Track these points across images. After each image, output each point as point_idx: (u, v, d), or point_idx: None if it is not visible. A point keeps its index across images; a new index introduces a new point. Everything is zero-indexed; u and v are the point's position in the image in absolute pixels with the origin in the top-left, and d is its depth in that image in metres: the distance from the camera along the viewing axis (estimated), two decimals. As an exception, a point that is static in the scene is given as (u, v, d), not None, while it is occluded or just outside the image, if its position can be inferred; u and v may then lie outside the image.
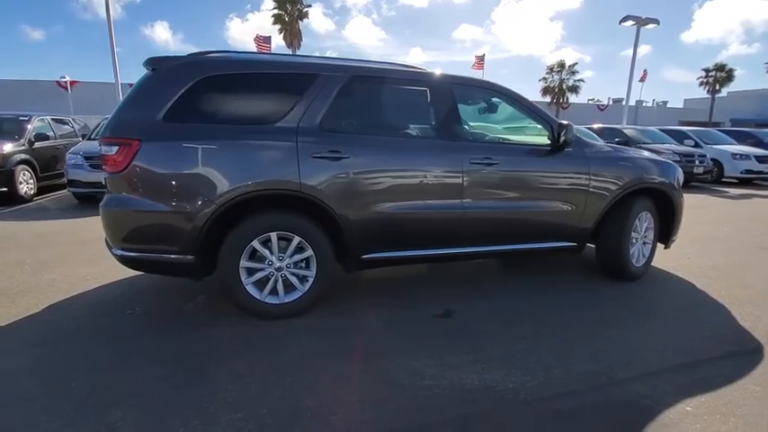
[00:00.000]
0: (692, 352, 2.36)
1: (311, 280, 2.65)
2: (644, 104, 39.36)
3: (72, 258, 3.86)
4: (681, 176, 3.55)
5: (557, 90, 34.30)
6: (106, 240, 2.60)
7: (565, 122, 2.97)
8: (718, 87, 36.94)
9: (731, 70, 36.09)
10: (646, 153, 3.67)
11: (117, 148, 2.33)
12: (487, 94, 3.14)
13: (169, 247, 2.43)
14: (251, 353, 2.27)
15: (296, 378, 2.04)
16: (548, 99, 34.12)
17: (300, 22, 26.39)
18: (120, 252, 2.47)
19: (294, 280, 2.63)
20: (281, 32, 26.43)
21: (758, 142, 12.22)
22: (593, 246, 3.49)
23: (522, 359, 2.24)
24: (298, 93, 2.58)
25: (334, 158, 2.54)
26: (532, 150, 3.07)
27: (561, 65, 34.23)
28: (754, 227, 5.71)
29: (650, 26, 15.15)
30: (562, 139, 2.98)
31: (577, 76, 34.46)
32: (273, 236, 2.52)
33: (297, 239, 2.56)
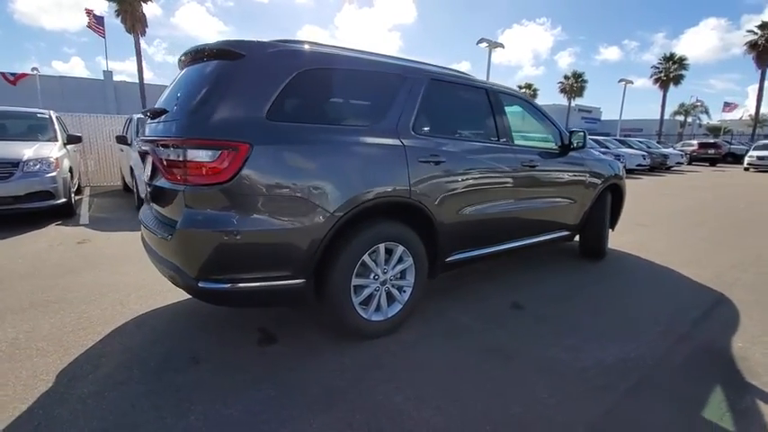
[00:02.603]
0: (695, 305, 3.11)
1: (409, 290, 2.54)
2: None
3: (12, 307, 2.73)
4: (623, 170, 4.52)
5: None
6: (179, 271, 1.98)
7: (580, 131, 3.50)
8: (527, 101, 46.06)
9: (536, 89, 45.55)
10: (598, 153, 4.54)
11: (218, 153, 1.82)
12: (514, 101, 3.45)
13: (279, 272, 2.02)
14: (399, 375, 2.08)
15: (472, 390, 1.98)
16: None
17: (144, 5, 22.54)
18: (209, 285, 1.92)
19: (395, 292, 2.48)
20: (118, 15, 22.09)
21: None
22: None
23: (614, 332, 2.61)
24: (391, 94, 2.44)
25: (436, 162, 2.50)
26: (550, 153, 3.52)
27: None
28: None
29: (497, 49, 18.06)
30: (574, 143, 3.52)
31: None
32: (381, 247, 2.34)
33: (400, 249, 2.43)
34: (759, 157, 18.59)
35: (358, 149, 2.20)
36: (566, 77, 41.30)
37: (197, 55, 2.21)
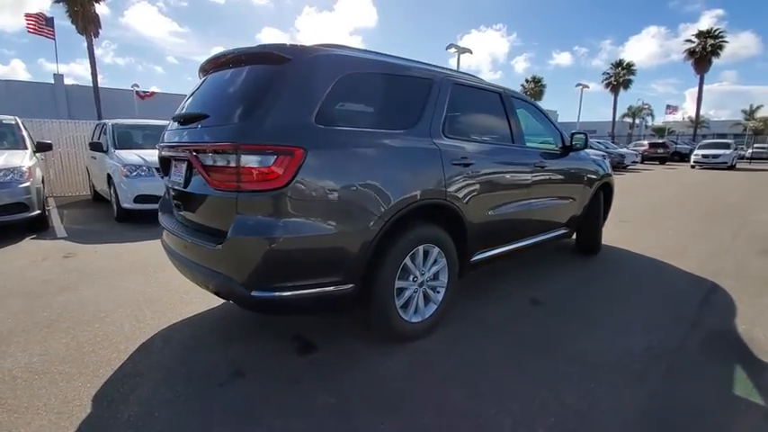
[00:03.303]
0: (693, 293, 3.34)
1: (443, 290, 2.57)
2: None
3: (14, 329, 2.50)
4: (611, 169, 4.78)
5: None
6: (228, 281, 1.89)
7: (580, 133, 3.68)
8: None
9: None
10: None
11: (274, 158, 1.78)
12: (521, 104, 3.57)
13: (331, 277, 1.99)
14: (450, 375, 2.10)
15: (523, 384, 2.04)
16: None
17: (97, 5, 21.22)
18: (263, 294, 1.86)
19: (431, 293, 2.51)
20: (69, 15, 20.67)
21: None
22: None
23: (632, 323, 2.75)
24: (423, 97, 2.47)
25: (465, 165, 2.55)
26: (554, 154, 3.67)
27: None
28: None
29: (465, 54, 18.57)
30: (575, 145, 3.69)
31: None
32: (420, 249, 2.36)
33: (436, 250, 2.46)
34: (704, 156, 20.18)
35: (401, 153, 2.22)
36: (526, 81, 42.96)
37: (234, 58, 2.15)
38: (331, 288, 2.00)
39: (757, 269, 3.94)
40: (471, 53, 18.51)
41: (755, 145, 32.95)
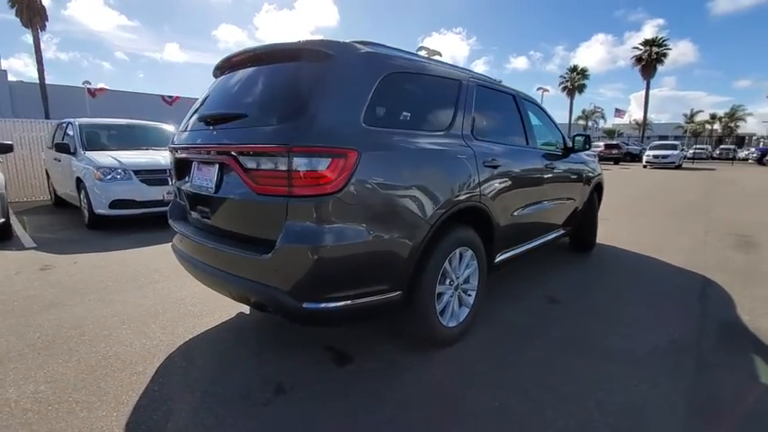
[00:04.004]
0: (690, 288, 3.51)
1: (474, 293, 2.55)
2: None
3: (7, 353, 2.22)
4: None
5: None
6: (274, 292, 1.76)
7: (581, 135, 3.79)
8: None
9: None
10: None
11: (329, 161, 1.67)
12: (529, 106, 3.62)
13: (381, 285, 1.91)
14: (497, 380, 2.08)
15: (571, 385, 2.05)
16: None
17: (43, -6, 19.61)
18: (314, 306, 1.75)
19: (464, 297, 2.48)
20: (12, 5, 18.94)
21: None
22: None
23: (647, 318, 2.85)
24: (454, 99, 2.44)
25: (494, 166, 2.54)
26: (558, 155, 3.76)
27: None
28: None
29: (435, 56, 18.83)
30: (576, 146, 3.80)
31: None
32: (457, 252, 2.32)
33: (469, 253, 2.43)
34: (654, 156, 21.59)
35: (444, 155, 2.18)
36: (487, 85, 44.24)
37: (265, 55, 2.02)
38: (381, 296, 1.92)
39: (738, 262, 4.22)
40: (441, 56, 18.78)
41: (696, 146, 35.76)
